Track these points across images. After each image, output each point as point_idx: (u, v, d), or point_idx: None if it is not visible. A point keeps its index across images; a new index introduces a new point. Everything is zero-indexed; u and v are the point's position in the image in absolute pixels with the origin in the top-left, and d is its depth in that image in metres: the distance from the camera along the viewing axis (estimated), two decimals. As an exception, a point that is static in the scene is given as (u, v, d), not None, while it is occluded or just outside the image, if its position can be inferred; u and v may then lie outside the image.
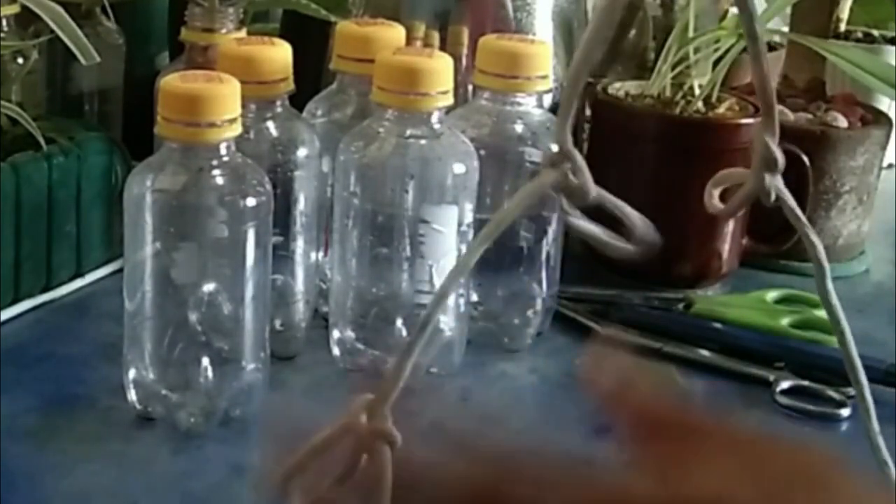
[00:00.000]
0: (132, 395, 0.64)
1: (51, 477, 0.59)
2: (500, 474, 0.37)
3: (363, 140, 0.67)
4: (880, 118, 0.93)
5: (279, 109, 0.69)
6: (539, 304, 0.75)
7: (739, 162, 0.82)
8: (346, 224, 0.68)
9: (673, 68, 0.85)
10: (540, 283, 0.75)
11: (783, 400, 0.71)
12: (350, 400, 0.37)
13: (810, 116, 0.92)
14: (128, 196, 0.62)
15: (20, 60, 0.80)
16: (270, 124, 0.69)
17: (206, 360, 0.63)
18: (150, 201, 0.61)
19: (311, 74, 0.79)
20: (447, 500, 0.37)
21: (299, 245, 0.71)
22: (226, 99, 0.61)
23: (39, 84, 0.87)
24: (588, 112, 0.90)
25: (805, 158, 0.85)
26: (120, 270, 0.81)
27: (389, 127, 0.67)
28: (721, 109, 0.85)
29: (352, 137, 0.68)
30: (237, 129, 0.61)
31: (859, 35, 1.11)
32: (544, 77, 0.71)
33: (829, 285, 0.45)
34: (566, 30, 0.85)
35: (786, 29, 1.03)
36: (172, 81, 0.61)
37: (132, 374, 0.64)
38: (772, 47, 1.11)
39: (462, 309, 0.70)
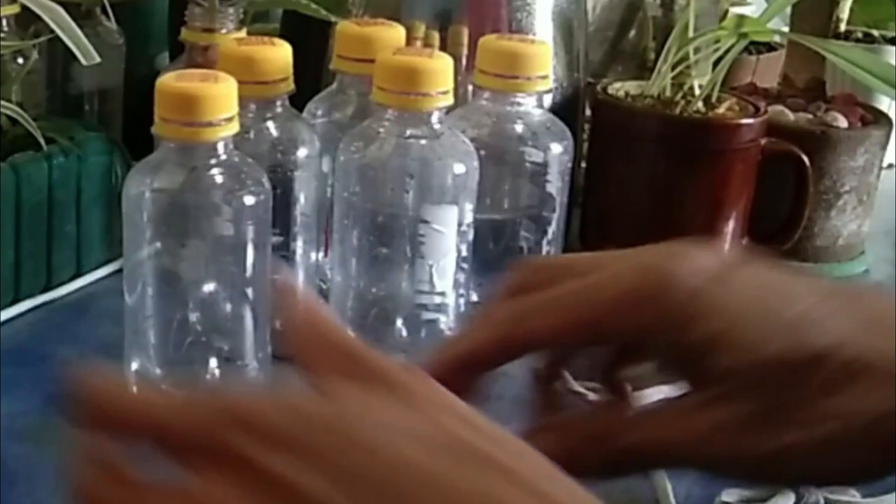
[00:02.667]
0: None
1: (51, 477, 0.58)
2: None
3: (363, 140, 0.67)
4: (880, 118, 0.93)
5: (279, 109, 0.69)
6: (539, 304, 0.75)
7: (739, 162, 0.83)
8: (346, 224, 0.68)
9: (673, 68, 0.85)
10: (540, 283, 0.75)
11: (783, 400, 0.70)
12: None
13: (810, 116, 0.92)
14: (126, 195, 0.62)
15: (20, 60, 0.80)
16: (270, 124, 0.69)
17: (213, 361, 0.63)
18: (148, 200, 0.61)
19: (311, 74, 0.79)
20: None
21: (299, 245, 0.71)
22: (222, 98, 0.61)
23: (39, 84, 0.87)
24: (588, 112, 0.90)
25: (805, 158, 0.85)
26: (120, 270, 0.81)
27: (389, 127, 0.67)
28: (721, 109, 0.85)
29: (352, 137, 0.68)
30: (235, 128, 0.61)
31: (859, 35, 1.11)
32: (544, 77, 0.71)
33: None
34: (566, 30, 0.85)
35: (786, 29, 1.03)
36: (168, 81, 0.61)
37: (133, 372, 0.64)
38: (772, 47, 1.12)
39: (462, 309, 0.70)
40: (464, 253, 0.68)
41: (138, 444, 0.36)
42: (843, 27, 1.06)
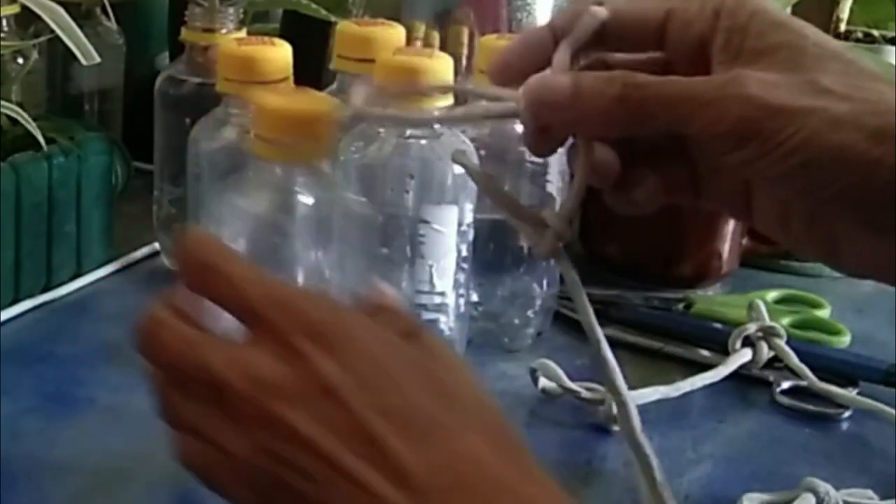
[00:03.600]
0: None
1: (51, 477, 0.59)
2: None
3: (363, 140, 0.67)
4: (880, 118, 0.93)
5: (279, 109, 0.69)
6: (539, 304, 0.75)
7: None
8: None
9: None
10: (540, 283, 0.75)
11: (783, 400, 0.71)
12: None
13: (810, 116, 0.92)
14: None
15: (20, 60, 0.80)
16: (270, 124, 0.69)
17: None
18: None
19: (311, 74, 0.79)
20: None
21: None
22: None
23: (39, 84, 0.87)
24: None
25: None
26: (120, 270, 0.81)
27: (389, 127, 0.67)
28: (721, 109, 0.84)
29: (352, 137, 0.68)
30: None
31: (859, 35, 1.11)
32: (544, 77, 0.71)
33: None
34: (566, 30, 0.85)
35: (786, 29, 1.02)
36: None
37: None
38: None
39: (462, 309, 0.70)
40: (464, 253, 0.68)
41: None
42: (843, 27, 1.06)
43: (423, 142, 0.67)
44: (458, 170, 0.67)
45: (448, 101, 0.66)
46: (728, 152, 0.42)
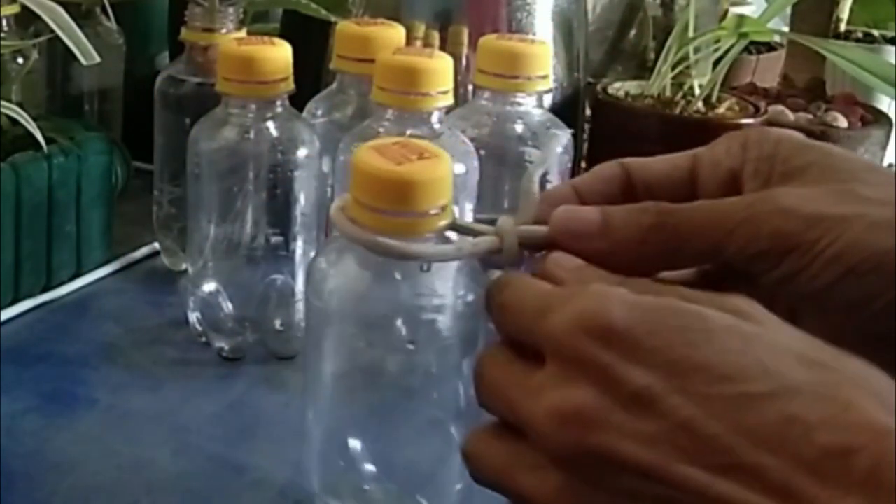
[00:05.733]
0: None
1: (51, 477, 0.59)
2: None
3: (363, 140, 0.67)
4: (880, 118, 0.93)
5: (279, 109, 0.69)
6: (539, 304, 0.75)
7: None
8: (346, 224, 0.68)
9: (673, 68, 0.85)
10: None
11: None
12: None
13: (810, 116, 0.92)
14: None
15: (20, 60, 0.80)
16: (270, 124, 0.69)
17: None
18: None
19: (311, 74, 0.79)
20: None
21: (299, 245, 0.71)
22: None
23: (39, 84, 0.87)
24: (588, 112, 0.90)
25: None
26: (120, 270, 0.81)
27: (389, 127, 0.67)
28: (721, 109, 0.85)
29: (352, 137, 0.68)
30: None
31: (859, 35, 1.11)
32: (544, 77, 0.71)
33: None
34: (566, 30, 0.85)
35: (786, 29, 1.03)
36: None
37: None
38: (772, 47, 1.12)
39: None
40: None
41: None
42: (843, 27, 1.06)
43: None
44: (458, 170, 0.67)
45: (448, 100, 0.66)
46: (767, 270, 0.40)
